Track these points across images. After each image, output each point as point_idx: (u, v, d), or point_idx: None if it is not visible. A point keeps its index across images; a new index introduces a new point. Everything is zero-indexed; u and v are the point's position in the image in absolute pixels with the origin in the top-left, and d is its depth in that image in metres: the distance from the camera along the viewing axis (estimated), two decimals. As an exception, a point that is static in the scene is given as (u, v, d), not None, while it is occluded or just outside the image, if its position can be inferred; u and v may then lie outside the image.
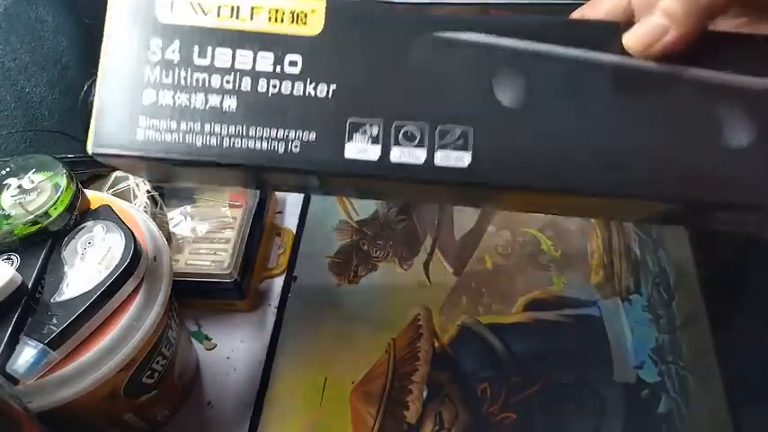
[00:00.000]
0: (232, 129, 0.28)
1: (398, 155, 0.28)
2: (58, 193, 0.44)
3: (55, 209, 0.44)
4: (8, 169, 0.46)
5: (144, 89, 0.28)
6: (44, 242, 0.45)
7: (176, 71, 0.28)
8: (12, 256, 0.44)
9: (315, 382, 0.61)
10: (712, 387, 0.59)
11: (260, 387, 0.61)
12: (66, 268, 0.44)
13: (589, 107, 0.29)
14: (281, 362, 0.63)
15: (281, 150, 0.28)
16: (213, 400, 0.61)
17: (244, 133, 0.28)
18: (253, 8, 0.28)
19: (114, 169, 0.63)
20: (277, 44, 0.28)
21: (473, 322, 0.64)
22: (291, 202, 0.76)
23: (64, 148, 0.62)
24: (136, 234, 0.46)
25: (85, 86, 0.62)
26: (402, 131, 0.28)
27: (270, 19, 0.28)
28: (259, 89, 0.28)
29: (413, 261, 0.70)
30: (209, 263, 0.62)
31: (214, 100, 0.28)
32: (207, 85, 0.28)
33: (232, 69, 0.28)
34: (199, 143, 0.28)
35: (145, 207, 0.61)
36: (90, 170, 0.63)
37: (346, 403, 0.60)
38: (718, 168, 0.30)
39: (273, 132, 0.28)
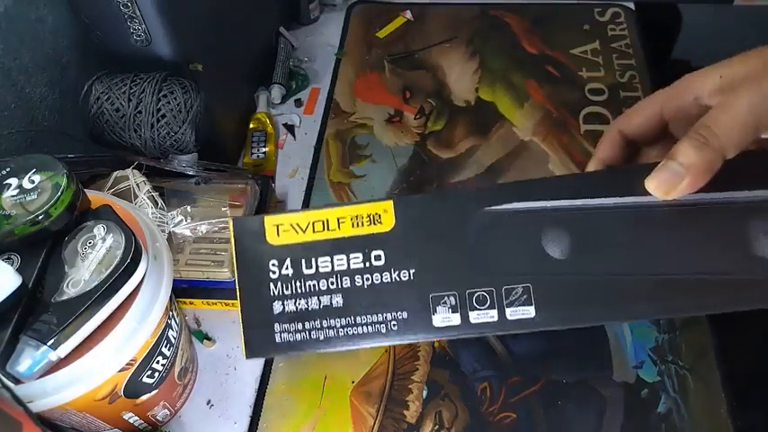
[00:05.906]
0: (343, 320, 0.35)
1: (476, 317, 0.34)
2: (59, 193, 0.43)
3: (55, 209, 0.43)
4: (8, 169, 0.45)
5: (273, 302, 0.35)
6: (44, 242, 0.44)
7: (292, 283, 0.35)
8: (12, 256, 0.44)
9: (315, 381, 0.61)
10: (712, 387, 0.59)
11: (260, 386, 0.61)
12: (66, 268, 0.43)
13: (629, 244, 0.34)
14: (280, 361, 0.63)
15: (384, 330, 0.34)
16: (213, 399, 0.61)
17: (352, 322, 0.34)
18: (338, 219, 0.35)
19: (114, 168, 0.63)
20: (362, 244, 0.35)
21: (473, 322, 0.64)
22: (292, 202, 0.76)
23: (64, 148, 0.62)
24: (136, 234, 0.46)
25: (86, 86, 0.62)
26: (474, 298, 0.34)
27: (353, 225, 0.35)
28: (356, 284, 0.35)
29: (413, 261, 0.70)
30: (209, 262, 0.62)
31: (325, 300, 0.35)
32: (317, 289, 0.35)
33: (333, 272, 0.35)
34: (321, 337, 0.35)
35: (145, 207, 0.61)
36: (90, 170, 0.63)
37: (346, 402, 0.60)
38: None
39: (375, 317, 0.34)
